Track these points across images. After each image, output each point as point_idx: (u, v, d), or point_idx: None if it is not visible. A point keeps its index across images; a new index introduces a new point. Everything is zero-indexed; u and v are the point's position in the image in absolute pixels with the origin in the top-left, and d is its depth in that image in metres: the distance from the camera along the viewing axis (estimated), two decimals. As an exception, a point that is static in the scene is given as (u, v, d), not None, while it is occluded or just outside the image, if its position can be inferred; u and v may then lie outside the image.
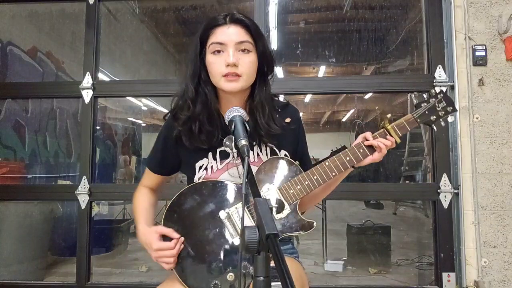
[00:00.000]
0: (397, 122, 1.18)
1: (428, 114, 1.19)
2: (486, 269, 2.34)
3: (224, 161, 1.17)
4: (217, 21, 1.09)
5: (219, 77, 1.09)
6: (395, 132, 1.17)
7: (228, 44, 1.07)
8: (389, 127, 1.17)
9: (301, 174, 1.13)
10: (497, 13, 2.45)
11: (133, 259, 3.77)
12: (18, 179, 3.57)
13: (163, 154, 1.23)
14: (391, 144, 1.15)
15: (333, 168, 1.14)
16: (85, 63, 2.71)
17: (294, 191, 1.11)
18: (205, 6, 4.39)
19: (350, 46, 4.42)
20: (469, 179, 2.38)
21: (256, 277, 0.65)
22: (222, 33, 1.08)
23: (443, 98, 1.19)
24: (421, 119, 1.19)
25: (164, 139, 1.21)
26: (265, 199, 0.74)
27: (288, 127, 1.21)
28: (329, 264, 3.39)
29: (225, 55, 1.07)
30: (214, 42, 1.08)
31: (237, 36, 1.08)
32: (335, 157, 1.15)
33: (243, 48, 1.09)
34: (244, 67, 1.09)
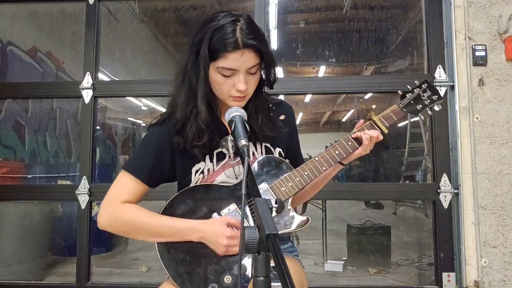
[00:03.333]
0: (383, 113, 1.19)
1: (413, 103, 1.20)
2: (486, 269, 2.34)
3: (221, 162, 1.16)
4: (229, 46, 1.00)
5: (227, 96, 1.08)
6: (382, 123, 1.18)
7: (240, 70, 1.04)
8: (375, 118, 1.18)
9: (292, 171, 1.14)
10: (497, 13, 2.45)
11: (133, 259, 3.77)
12: (18, 179, 3.57)
13: (155, 162, 1.14)
14: (377, 136, 1.15)
15: (323, 163, 1.14)
16: (85, 63, 2.71)
17: (286, 189, 1.11)
18: (205, 6, 4.39)
19: (350, 46, 4.42)
20: (469, 179, 2.38)
21: (256, 277, 0.65)
22: (235, 60, 1.02)
23: (427, 87, 1.21)
24: (407, 108, 1.20)
25: (157, 148, 1.14)
26: (265, 199, 0.74)
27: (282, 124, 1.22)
28: (329, 264, 3.39)
29: (235, 79, 1.04)
30: (225, 67, 1.03)
31: (249, 62, 1.04)
32: (325, 152, 1.15)
33: (252, 71, 1.07)
34: (250, 87, 1.09)
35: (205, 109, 1.08)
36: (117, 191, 1.13)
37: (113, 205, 1.12)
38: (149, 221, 1.09)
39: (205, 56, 1.03)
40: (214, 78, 1.06)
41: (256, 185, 0.83)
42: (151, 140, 1.17)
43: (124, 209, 1.11)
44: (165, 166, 1.15)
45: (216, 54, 1.02)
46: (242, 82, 1.04)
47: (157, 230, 1.09)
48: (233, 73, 1.04)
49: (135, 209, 1.12)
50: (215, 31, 1.02)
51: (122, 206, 1.11)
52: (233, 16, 1.05)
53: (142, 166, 1.14)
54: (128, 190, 1.13)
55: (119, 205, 1.11)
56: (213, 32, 1.02)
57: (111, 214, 1.11)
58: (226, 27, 1.02)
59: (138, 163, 1.16)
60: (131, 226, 1.11)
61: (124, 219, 1.11)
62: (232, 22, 1.02)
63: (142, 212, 1.11)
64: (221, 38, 1.01)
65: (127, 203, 1.12)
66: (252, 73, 1.07)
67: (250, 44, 1.01)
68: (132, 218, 1.10)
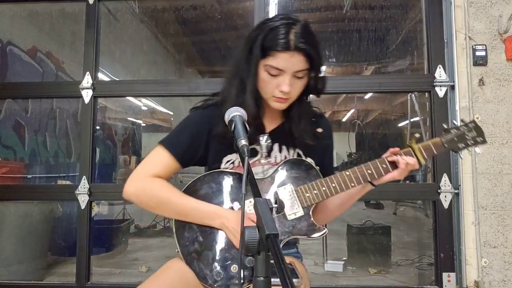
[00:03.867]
0: (424, 144, 1.16)
1: (456, 141, 1.17)
2: (486, 269, 2.33)
3: (252, 158, 1.16)
4: (280, 45, 1.03)
5: (269, 96, 1.10)
6: (421, 153, 1.15)
7: (286, 72, 1.05)
8: (415, 146, 1.15)
9: (320, 180, 1.13)
10: (497, 13, 2.44)
11: (133, 259, 3.77)
12: (18, 179, 3.57)
13: (191, 142, 1.15)
14: (413, 164, 1.13)
15: (353, 179, 1.12)
16: (85, 63, 2.71)
17: (310, 195, 1.11)
18: (205, 6, 4.39)
19: (350, 46, 4.42)
20: (469, 179, 2.38)
21: (256, 277, 0.65)
22: (284, 60, 1.04)
23: (474, 128, 1.18)
24: (449, 144, 1.17)
25: (196, 130, 1.16)
26: (265, 199, 0.74)
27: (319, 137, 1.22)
28: (329, 264, 3.39)
29: (280, 79, 1.06)
30: (273, 66, 1.05)
31: (297, 65, 1.05)
32: (357, 169, 1.13)
33: (299, 75, 1.07)
34: (295, 91, 1.10)
35: (252, 103, 1.10)
36: (150, 164, 1.14)
37: (143, 177, 1.12)
38: (177, 200, 1.10)
39: (257, 53, 1.06)
40: (260, 76, 1.09)
41: (257, 185, 0.83)
42: (192, 122, 1.19)
43: (154, 182, 1.11)
44: (199, 149, 1.16)
45: (266, 52, 1.05)
46: (286, 84, 1.05)
47: (183, 210, 1.10)
48: (280, 73, 1.06)
49: (165, 185, 1.12)
50: (270, 30, 1.05)
51: (152, 180, 1.12)
52: (290, 19, 1.07)
53: (179, 144, 1.16)
54: (160, 165, 1.14)
55: (150, 178, 1.12)
56: (268, 31, 1.05)
57: (139, 185, 1.12)
58: (281, 28, 1.04)
59: (175, 140, 1.17)
60: (157, 201, 1.11)
61: (152, 193, 1.11)
62: (288, 24, 1.05)
63: (171, 189, 1.12)
64: (274, 37, 1.04)
65: (158, 178, 1.12)
66: (299, 77, 1.08)
67: (301, 48, 1.03)
68: (160, 193, 1.11)
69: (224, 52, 5.84)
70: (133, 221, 4.84)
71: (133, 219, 4.82)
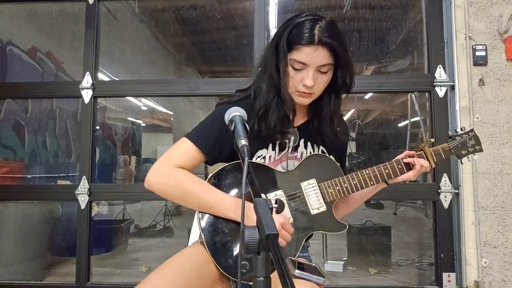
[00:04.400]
0: (434, 148, 1.25)
1: (460, 147, 1.27)
2: (486, 269, 2.33)
3: (282, 152, 1.18)
4: (304, 39, 1.04)
5: (293, 90, 1.11)
6: (432, 157, 1.23)
7: (310, 66, 1.06)
8: (427, 150, 1.23)
9: (342, 177, 1.17)
10: (497, 13, 2.44)
11: (133, 259, 3.77)
12: (18, 179, 3.57)
13: (218, 137, 1.13)
14: (427, 166, 1.20)
15: (372, 178, 1.18)
16: (85, 63, 2.71)
17: (333, 191, 1.15)
18: (205, 6, 4.39)
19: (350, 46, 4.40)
20: (469, 179, 2.38)
21: (256, 277, 0.65)
22: (308, 54, 1.05)
23: (473, 136, 1.28)
24: (454, 150, 1.27)
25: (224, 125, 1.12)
26: (265, 199, 0.74)
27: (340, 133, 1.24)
28: (329, 264, 3.39)
29: (304, 74, 1.07)
30: (297, 60, 1.06)
31: (321, 59, 1.05)
32: (376, 168, 1.19)
33: (323, 70, 1.08)
34: (319, 87, 1.11)
35: (289, 97, 1.11)
36: (175, 154, 1.13)
37: (168, 166, 1.10)
38: (201, 191, 1.08)
39: (284, 48, 1.07)
40: None
41: (257, 185, 0.83)
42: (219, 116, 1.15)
43: (179, 172, 1.09)
44: (227, 145, 1.13)
45: (291, 46, 1.06)
46: (310, 78, 1.06)
47: (206, 201, 1.08)
48: (303, 68, 1.07)
49: (190, 176, 1.10)
50: (295, 26, 1.06)
51: (177, 169, 1.10)
52: (316, 15, 1.08)
53: (205, 137, 1.14)
54: (186, 156, 1.12)
55: (174, 168, 1.10)
56: (294, 26, 1.06)
57: (164, 173, 1.09)
58: (306, 23, 1.05)
59: (201, 134, 1.15)
60: (182, 192, 1.09)
61: (177, 183, 1.09)
62: (314, 20, 1.06)
63: (196, 180, 1.10)
64: (299, 32, 1.05)
65: (182, 168, 1.11)
66: (323, 72, 1.08)
67: (324, 42, 1.04)
68: (185, 184, 1.09)
69: (224, 52, 5.84)
70: (133, 221, 4.84)
71: (133, 219, 4.82)
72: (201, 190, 1.09)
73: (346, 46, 1.10)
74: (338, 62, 1.09)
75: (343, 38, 1.10)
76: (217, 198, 1.08)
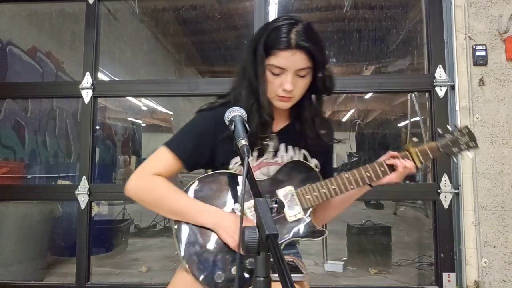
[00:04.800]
0: (420, 148, 1.19)
1: (451, 145, 1.21)
2: (486, 269, 2.33)
3: (260, 158, 1.17)
4: (281, 44, 1.04)
5: (273, 95, 1.11)
6: (417, 157, 1.17)
7: (288, 70, 1.06)
8: (412, 150, 1.17)
9: (320, 182, 1.14)
10: (497, 13, 2.44)
11: (133, 259, 3.77)
12: (18, 179, 3.57)
13: (196, 144, 1.15)
14: (411, 167, 1.15)
15: (352, 182, 1.14)
16: (85, 63, 2.70)
17: (310, 197, 1.12)
18: (205, 6, 4.39)
19: (350, 46, 4.42)
20: (469, 179, 2.38)
21: (256, 277, 0.65)
22: (286, 58, 1.04)
23: (467, 133, 1.23)
24: (444, 149, 1.21)
25: (202, 132, 1.16)
26: (265, 199, 0.74)
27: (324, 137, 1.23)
28: (329, 264, 3.39)
29: (283, 78, 1.07)
30: (275, 65, 1.06)
31: (299, 63, 1.05)
32: (356, 171, 1.15)
33: (302, 74, 1.08)
34: (298, 90, 1.10)
35: (267, 103, 1.11)
36: (153, 163, 1.15)
37: (145, 174, 1.13)
38: (174, 198, 1.10)
39: (261, 53, 1.07)
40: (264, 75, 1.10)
41: (257, 185, 0.82)
42: (197, 123, 1.18)
43: (155, 180, 1.11)
44: (205, 152, 1.16)
45: (268, 51, 1.06)
46: (289, 82, 1.06)
47: (178, 208, 1.09)
48: (282, 72, 1.06)
49: (165, 183, 1.12)
50: (272, 30, 1.06)
51: (153, 177, 1.12)
52: (293, 19, 1.07)
53: (183, 145, 1.15)
54: (163, 164, 1.14)
55: (151, 175, 1.12)
56: (271, 31, 1.06)
57: (140, 182, 1.12)
58: (283, 27, 1.05)
59: (179, 141, 1.17)
60: (155, 199, 1.12)
61: (151, 190, 1.11)
62: (291, 24, 1.05)
63: (170, 187, 1.11)
64: (276, 37, 1.05)
65: (159, 176, 1.12)
66: (301, 76, 1.08)
67: (302, 46, 1.03)
68: (158, 191, 1.11)
69: (224, 52, 5.84)
70: (133, 221, 4.84)
71: (133, 219, 4.82)
72: (173, 197, 1.10)
73: (324, 49, 1.10)
74: (316, 65, 1.09)
75: (320, 40, 1.09)
76: (188, 205, 1.09)
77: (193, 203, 1.10)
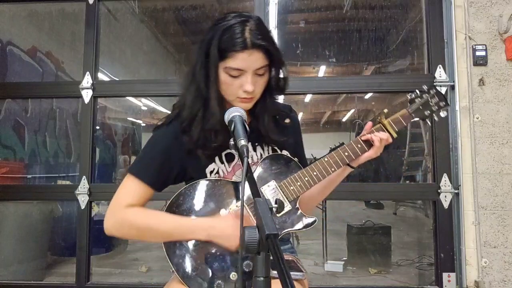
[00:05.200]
0: (393, 117, 1.20)
1: (422, 109, 1.22)
2: (486, 269, 2.33)
3: (231, 163, 1.16)
4: (237, 45, 1.00)
5: (233, 97, 1.08)
6: (391, 127, 1.18)
7: (248, 71, 1.03)
8: (385, 121, 1.18)
9: (301, 171, 1.13)
10: (497, 13, 2.44)
11: (133, 259, 3.77)
12: (18, 179, 3.57)
13: (161, 163, 1.12)
14: (386, 138, 1.15)
15: (332, 164, 1.14)
16: (85, 63, 2.71)
17: (294, 188, 1.11)
18: (205, 6, 4.39)
19: (350, 46, 4.42)
20: (469, 179, 2.38)
21: (256, 277, 0.65)
22: (244, 60, 1.01)
23: (435, 93, 1.23)
24: (416, 113, 1.21)
25: (164, 149, 1.13)
26: (265, 199, 0.74)
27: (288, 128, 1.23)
28: (329, 264, 3.39)
29: (243, 80, 1.04)
30: (233, 67, 1.02)
31: (257, 62, 1.03)
32: (334, 153, 1.15)
33: (260, 72, 1.06)
34: (258, 89, 1.08)
35: (218, 110, 1.06)
36: (122, 195, 1.11)
37: (118, 210, 1.10)
38: (156, 224, 1.08)
39: (214, 56, 1.02)
40: (221, 79, 1.06)
41: (256, 184, 0.82)
42: (157, 142, 1.15)
43: (129, 212, 1.09)
44: (173, 168, 1.13)
45: (224, 53, 1.02)
46: (249, 83, 1.03)
47: (164, 232, 1.07)
48: (241, 74, 1.03)
49: (141, 211, 1.10)
50: (224, 31, 1.02)
51: (127, 210, 1.09)
52: (243, 16, 1.05)
53: (148, 168, 1.12)
54: (133, 194, 1.11)
55: (124, 209, 1.09)
56: (223, 32, 1.02)
57: (116, 219, 1.10)
58: (235, 27, 1.02)
59: (143, 165, 1.14)
60: (137, 230, 1.09)
61: (130, 223, 1.09)
62: (242, 22, 1.03)
63: (148, 214, 1.09)
64: (230, 38, 1.01)
65: (133, 207, 1.10)
66: (260, 75, 1.06)
67: (258, 45, 1.01)
68: (138, 221, 1.09)
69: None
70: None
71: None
72: (155, 224, 1.08)
73: (276, 45, 1.09)
74: (272, 62, 1.07)
75: (272, 36, 1.08)
76: (173, 226, 1.06)
77: (178, 222, 1.07)
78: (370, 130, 1.17)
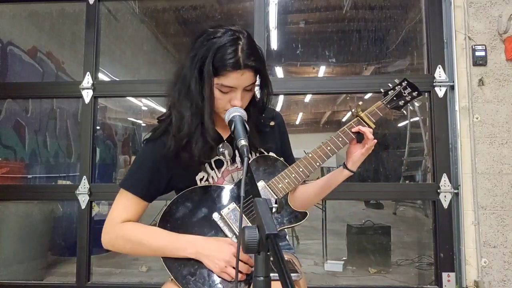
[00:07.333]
0: (369, 110, 1.26)
1: (396, 100, 1.28)
2: (486, 269, 2.34)
3: (220, 169, 1.19)
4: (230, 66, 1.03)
5: (222, 110, 1.10)
6: (369, 119, 1.24)
7: (238, 88, 1.07)
8: (362, 114, 1.24)
9: (288, 168, 1.17)
10: (497, 13, 2.45)
11: (133, 259, 3.77)
12: (18, 179, 3.57)
13: (151, 177, 1.15)
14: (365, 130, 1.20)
15: (316, 159, 1.18)
16: (85, 63, 2.71)
17: (282, 185, 1.15)
18: (205, 6, 4.40)
19: (350, 46, 4.42)
20: (469, 179, 2.38)
21: (256, 277, 0.65)
22: (236, 79, 1.05)
23: (407, 85, 1.29)
24: (390, 104, 1.28)
25: (153, 162, 1.15)
26: (265, 199, 0.74)
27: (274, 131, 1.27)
28: (329, 264, 3.39)
29: (232, 95, 1.08)
30: (225, 85, 1.06)
31: (247, 81, 1.08)
32: (317, 148, 1.19)
33: (248, 88, 1.10)
34: (245, 102, 1.12)
35: (212, 127, 1.11)
36: (116, 211, 1.15)
37: (113, 226, 1.13)
38: (148, 241, 1.10)
39: (209, 74, 1.05)
40: None
41: (256, 185, 0.83)
42: (146, 155, 1.18)
43: (124, 228, 1.12)
44: (162, 179, 1.17)
45: (217, 71, 1.05)
46: (238, 99, 1.07)
47: (156, 249, 1.10)
48: (231, 90, 1.07)
49: (135, 227, 1.13)
50: (217, 49, 1.04)
51: (122, 226, 1.12)
52: (235, 34, 1.06)
53: (139, 182, 1.15)
54: (126, 209, 1.14)
55: (119, 225, 1.13)
56: (216, 50, 1.04)
57: (112, 235, 1.13)
58: (228, 46, 1.04)
59: (134, 179, 1.16)
60: (131, 246, 1.13)
61: (124, 239, 1.12)
62: (234, 40, 1.05)
63: (141, 231, 1.12)
64: (223, 57, 1.04)
65: (127, 222, 1.13)
66: (248, 90, 1.11)
67: (250, 65, 1.05)
68: (131, 237, 1.12)
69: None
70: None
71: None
72: (147, 240, 1.10)
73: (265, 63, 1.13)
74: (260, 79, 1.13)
75: (262, 54, 1.12)
76: (164, 244, 1.09)
77: (169, 239, 1.09)
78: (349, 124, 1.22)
